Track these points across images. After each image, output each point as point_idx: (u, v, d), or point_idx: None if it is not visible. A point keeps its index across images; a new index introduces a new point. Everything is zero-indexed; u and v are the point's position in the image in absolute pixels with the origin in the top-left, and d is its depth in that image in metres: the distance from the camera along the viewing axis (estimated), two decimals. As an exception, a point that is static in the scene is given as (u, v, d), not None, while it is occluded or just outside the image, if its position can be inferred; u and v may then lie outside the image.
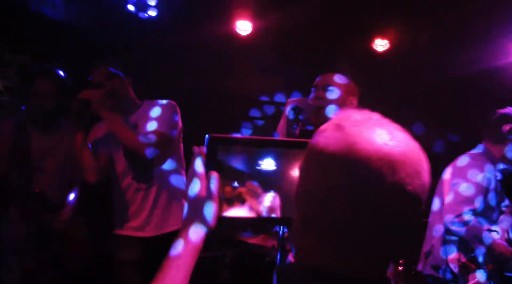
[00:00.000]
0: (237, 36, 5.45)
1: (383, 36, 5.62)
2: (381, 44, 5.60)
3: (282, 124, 2.68)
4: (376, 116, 1.11)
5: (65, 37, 4.43)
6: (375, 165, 1.01)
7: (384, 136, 1.04)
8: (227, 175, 1.37)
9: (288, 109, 2.62)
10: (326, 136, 1.08)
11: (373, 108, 1.12)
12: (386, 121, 1.10)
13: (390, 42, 5.60)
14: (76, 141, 3.03)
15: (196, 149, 1.34)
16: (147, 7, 4.87)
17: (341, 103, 2.79)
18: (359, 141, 1.03)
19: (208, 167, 1.31)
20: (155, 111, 3.16)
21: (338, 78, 2.85)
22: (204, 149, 1.34)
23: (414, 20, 5.31)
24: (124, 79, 3.14)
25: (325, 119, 2.81)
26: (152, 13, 4.87)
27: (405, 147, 1.05)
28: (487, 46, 5.17)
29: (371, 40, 5.66)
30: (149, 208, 3.13)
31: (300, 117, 2.63)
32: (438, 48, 5.43)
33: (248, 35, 5.45)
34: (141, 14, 4.85)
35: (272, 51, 5.43)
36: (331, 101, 2.78)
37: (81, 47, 4.39)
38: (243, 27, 5.42)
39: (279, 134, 2.71)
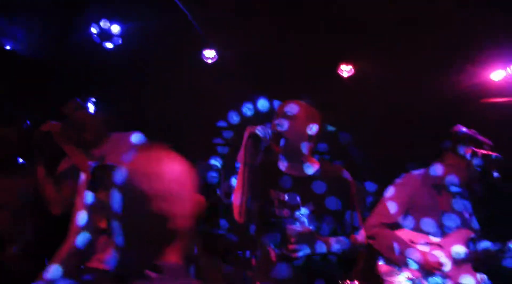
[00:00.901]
0: (204, 63, 5.46)
1: (348, 62, 5.68)
2: (346, 70, 5.66)
3: (242, 152, 2.64)
4: (164, 146, 1.49)
5: (28, 70, 4.36)
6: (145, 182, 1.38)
7: (157, 159, 1.44)
8: None
9: (246, 137, 2.60)
10: None
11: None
12: (165, 149, 1.48)
13: (355, 68, 5.66)
14: (38, 174, 2.97)
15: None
16: (111, 37, 4.84)
17: (301, 129, 2.80)
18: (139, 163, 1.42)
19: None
20: (123, 144, 3.12)
21: (299, 105, 2.85)
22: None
23: (379, 46, 5.38)
24: (91, 113, 3.12)
25: (285, 145, 2.82)
26: (116, 43, 4.84)
27: (172, 167, 1.44)
28: (450, 72, 5.28)
29: (336, 65, 5.71)
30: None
31: (261, 144, 2.60)
32: (402, 74, 5.50)
33: (214, 63, 5.45)
34: (105, 44, 4.81)
35: (239, 77, 5.44)
36: (291, 128, 2.78)
37: (46, 80, 4.32)
38: (209, 55, 5.43)
39: (240, 163, 2.66)
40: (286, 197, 2.80)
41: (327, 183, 2.82)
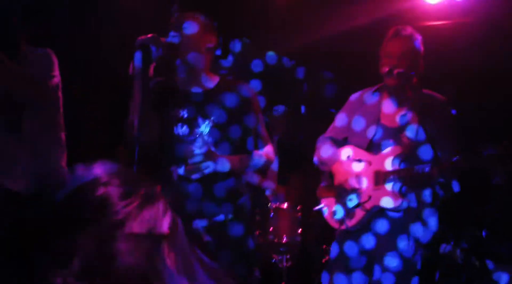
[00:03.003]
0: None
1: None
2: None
3: (137, 67, 2.47)
4: None
5: None
6: None
7: None
8: None
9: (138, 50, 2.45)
10: None
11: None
12: None
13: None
14: None
15: None
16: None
17: (198, 42, 2.70)
18: None
19: None
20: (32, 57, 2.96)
21: (194, 17, 2.74)
22: None
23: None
24: None
25: (182, 60, 2.71)
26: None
27: None
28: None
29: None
30: None
31: (153, 57, 2.48)
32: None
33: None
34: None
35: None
36: (186, 41, 2.67)
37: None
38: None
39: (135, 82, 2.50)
40: (185, 114, 2.73)
41: (227, 97, 2.76)
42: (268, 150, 2.90)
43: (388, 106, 3.25)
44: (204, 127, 2.71)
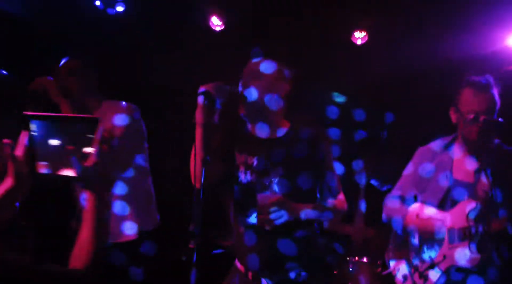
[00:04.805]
0: (211, 31, 5.32)
1: (361, 29, 5.46)
2: (359, 37, 5.44)
3: (198, 115, 2.45)
4: None
5: (25, 34, 4.32)
6: None
7: None
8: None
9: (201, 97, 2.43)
10: None
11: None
12: None
13: (368, 34, 5.44)
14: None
15: None
16: (115, 2, 4.76)
17: (269, 89, 2.64)
18: None
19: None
20: (117, 117, 3.05)
21: (268, 64, 2.68)
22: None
23: (391, 9, 5.18)
24: (85, 75, 3.07)
25: (252, 106, 2.67)
26: (120, 8, 4.76)
27: None
28: (467, 35, 5.02)
29: (350, 33, 5.49)
30: None
31: (217, 105, 2.45)
32: (416, 38, 5.26)
33: (221, 30, 5.32)
34: (109, 10, 4.74)
35: (246, 46, 5.29)
36: (258, 88, 2.62)
37: (46, 45, 4.29)
38: (217, 22, 5.29)
39: (198, 127, 2.46)
40: (254, 161, 2.67)
41: (298, 144, 2.66)
42: (339, 199, 2.77)
43: (462, 159, 3.07)
44: (274, 176, 2.64)
